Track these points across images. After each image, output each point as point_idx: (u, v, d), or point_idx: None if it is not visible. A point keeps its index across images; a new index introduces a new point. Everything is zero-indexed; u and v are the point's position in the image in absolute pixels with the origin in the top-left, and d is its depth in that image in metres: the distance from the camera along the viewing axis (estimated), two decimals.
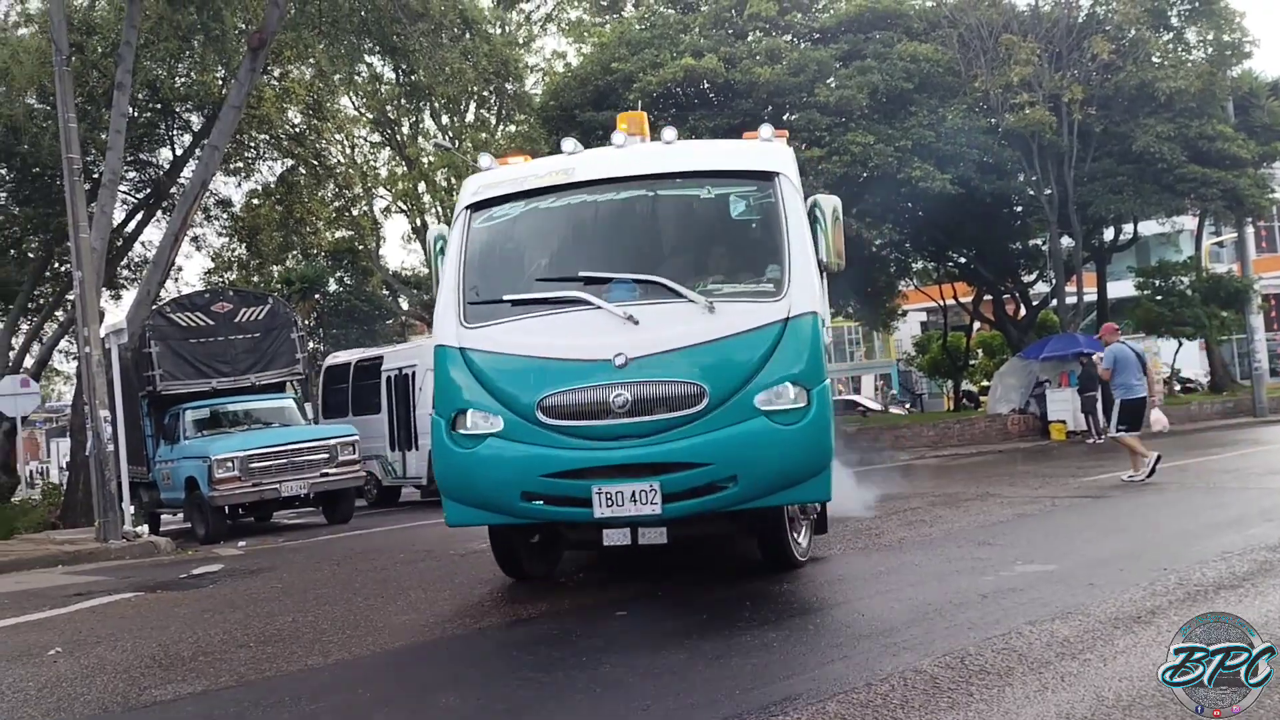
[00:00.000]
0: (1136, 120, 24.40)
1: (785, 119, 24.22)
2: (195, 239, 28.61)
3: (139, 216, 25.91)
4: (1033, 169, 24.74)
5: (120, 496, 13.27)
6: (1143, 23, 24.70)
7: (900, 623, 5.52)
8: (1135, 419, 12.32)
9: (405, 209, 35.45)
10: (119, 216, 22.99)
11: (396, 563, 9.79)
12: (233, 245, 30.71)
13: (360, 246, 36.33)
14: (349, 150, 33.86)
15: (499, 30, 31.64)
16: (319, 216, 31.42)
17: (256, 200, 29.01)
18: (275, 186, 28.17)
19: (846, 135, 22.08)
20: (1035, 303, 32.03)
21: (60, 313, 27.17)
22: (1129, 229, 30.74)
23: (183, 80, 23.05)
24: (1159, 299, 29.85)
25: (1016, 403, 26.19)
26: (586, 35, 30.72)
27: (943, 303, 34.77)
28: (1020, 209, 28.56)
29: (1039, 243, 30.31)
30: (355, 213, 34.45)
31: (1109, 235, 30.64)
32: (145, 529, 14.09)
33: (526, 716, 4.43)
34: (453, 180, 30.63)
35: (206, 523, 14.20)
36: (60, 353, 30.49)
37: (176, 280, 30.41)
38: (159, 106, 23.35)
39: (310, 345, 22.73)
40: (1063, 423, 23.64)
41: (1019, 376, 26.79)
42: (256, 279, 32.09)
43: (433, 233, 7.56)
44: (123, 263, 26.62)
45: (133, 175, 24.84)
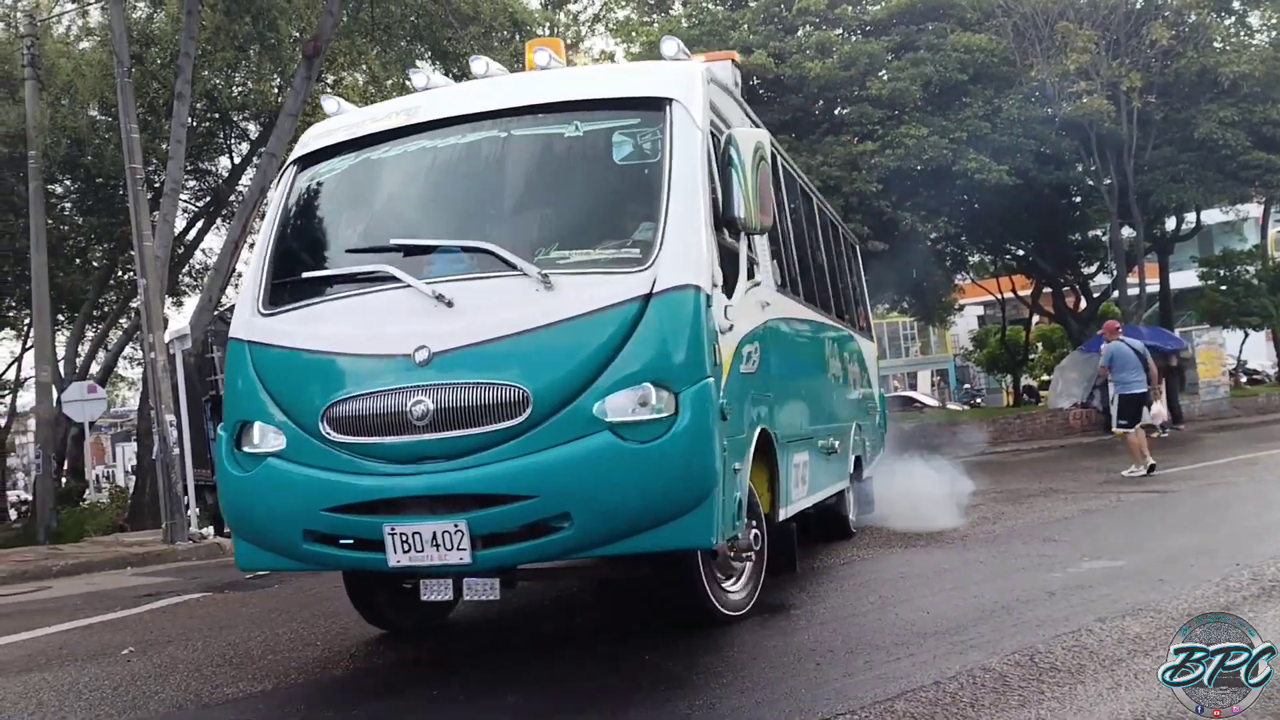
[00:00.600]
0: (1198, 106, 23.91)
1: (837, 113, 24.12)
2: (255, 245, 29.05)
3: (200, 224, 26.37)
4: (1091, 158, 24.35)
5: (186, 499, 13.53)
6: (1204, 7, 24.19)
7: (966, 620, 5.45)
8: (1134, 413, 12.74)
9: None
10: (180, 224, 23.40)
11: None
12: None
13: None
14: None
15: (547, 31, 31.73)
16: None
17: None
18: None
19: (900, 128, 21.92)
20: (1096, 295, 31.55)
21: (124, 320, 27.73)
22: (1191, 218, 30.16)
23: (240, 89, 23.41)
24: (1224, 289, 29.28)
25: (1078, 397, 25.77)
26: (634, 34, 30.71)
27: (1000, 296, 34.35)
28: (1079, 199, 28.15)
29: (1099, 233, 29.85)
30: None
31: (1171, 224, 30.11)
32: (210, 530, 14.33)
33: None
34: None
35: None
36: (125, 359, 31.14)
37: (237, 286, 30.91)
38: (217, 116, 23.73)
39: None
40: None
41: (1080, 370, 26.36)
42: None
43: None
44: (184, 270, 27.08)
45: (193, 184, 25.28)
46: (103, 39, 20.80)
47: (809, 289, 7.79)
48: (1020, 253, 30.80)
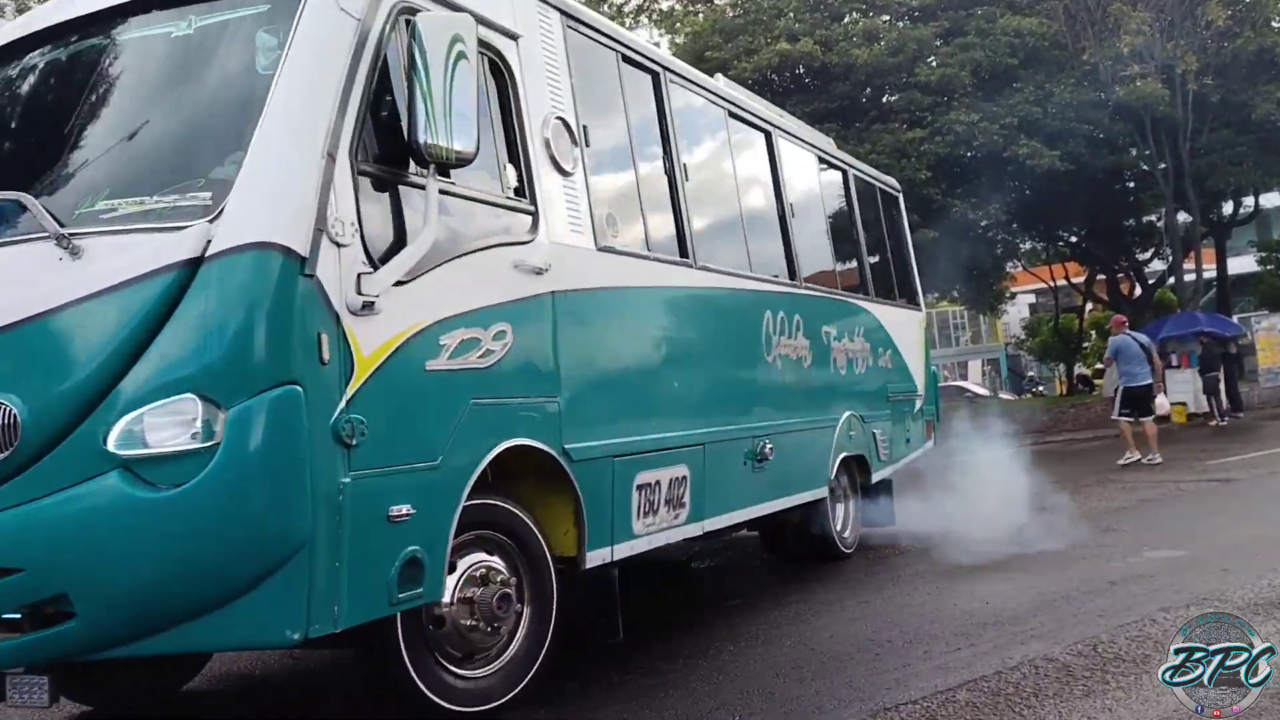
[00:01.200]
0: (1256, 88, 23.34)
1: (885, 101, 23.92)
2: None
3: None
4: (1146, 143, 23.91)
5: None
6: None
7: (1026, 610, 5.41)
8: (1138, 405, 13.08)
9: None
10: None
11: None
12: None
13: None
14: None
15: None
16: None
17: None
18: None
19: (949, 114, 21.65)
20: (1151, 281, 31.01)
21: None
22: (1249, 202, 29.54)
23: None
24: None
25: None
26: (679, 25, 30.65)
27: (1053, 284, 33.87)
28: (1133, 184, 27.63)
29: (1154, 219, 29.31)
30: None
31: (1228, 209, 29.49)
32: None
33: None
34: None
35: None
36: None
37: None
38: None
39: None
40: (1183, 405, 22.81)
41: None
42: None
43: None
44: None
45: None
46: None
47: (708, 245, 5.81)
48: (1073, 239, 30.32)
